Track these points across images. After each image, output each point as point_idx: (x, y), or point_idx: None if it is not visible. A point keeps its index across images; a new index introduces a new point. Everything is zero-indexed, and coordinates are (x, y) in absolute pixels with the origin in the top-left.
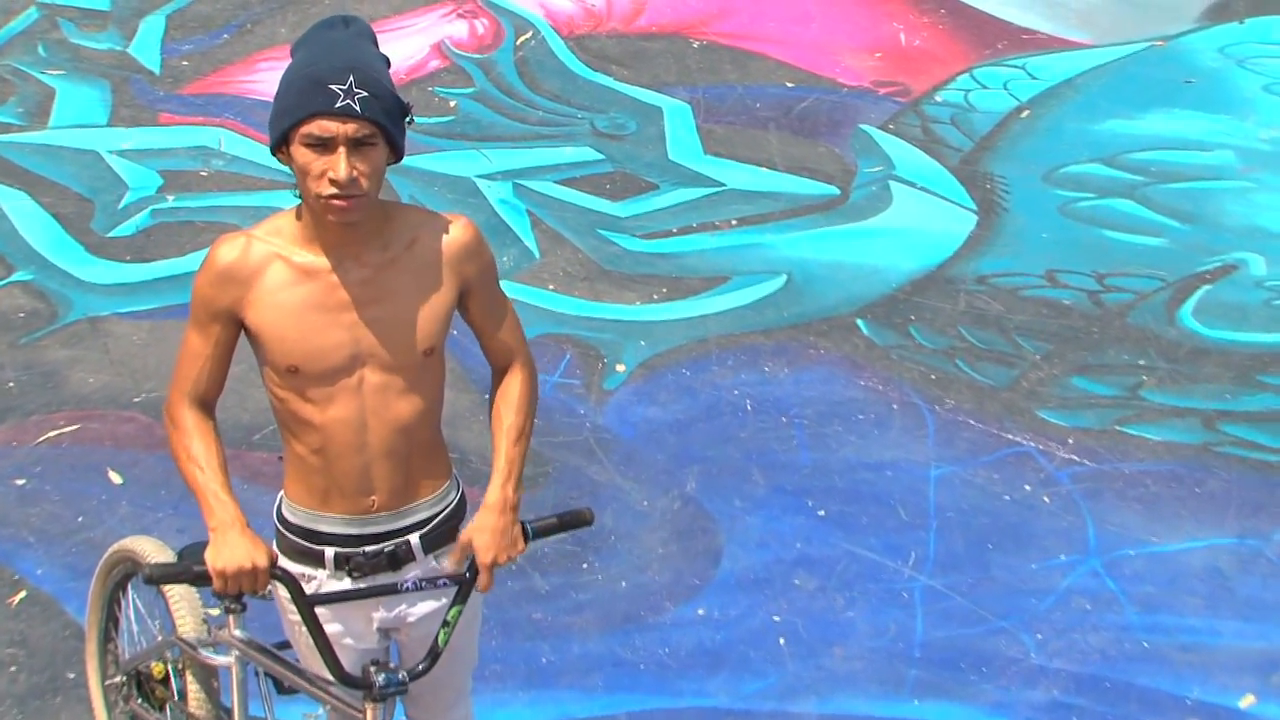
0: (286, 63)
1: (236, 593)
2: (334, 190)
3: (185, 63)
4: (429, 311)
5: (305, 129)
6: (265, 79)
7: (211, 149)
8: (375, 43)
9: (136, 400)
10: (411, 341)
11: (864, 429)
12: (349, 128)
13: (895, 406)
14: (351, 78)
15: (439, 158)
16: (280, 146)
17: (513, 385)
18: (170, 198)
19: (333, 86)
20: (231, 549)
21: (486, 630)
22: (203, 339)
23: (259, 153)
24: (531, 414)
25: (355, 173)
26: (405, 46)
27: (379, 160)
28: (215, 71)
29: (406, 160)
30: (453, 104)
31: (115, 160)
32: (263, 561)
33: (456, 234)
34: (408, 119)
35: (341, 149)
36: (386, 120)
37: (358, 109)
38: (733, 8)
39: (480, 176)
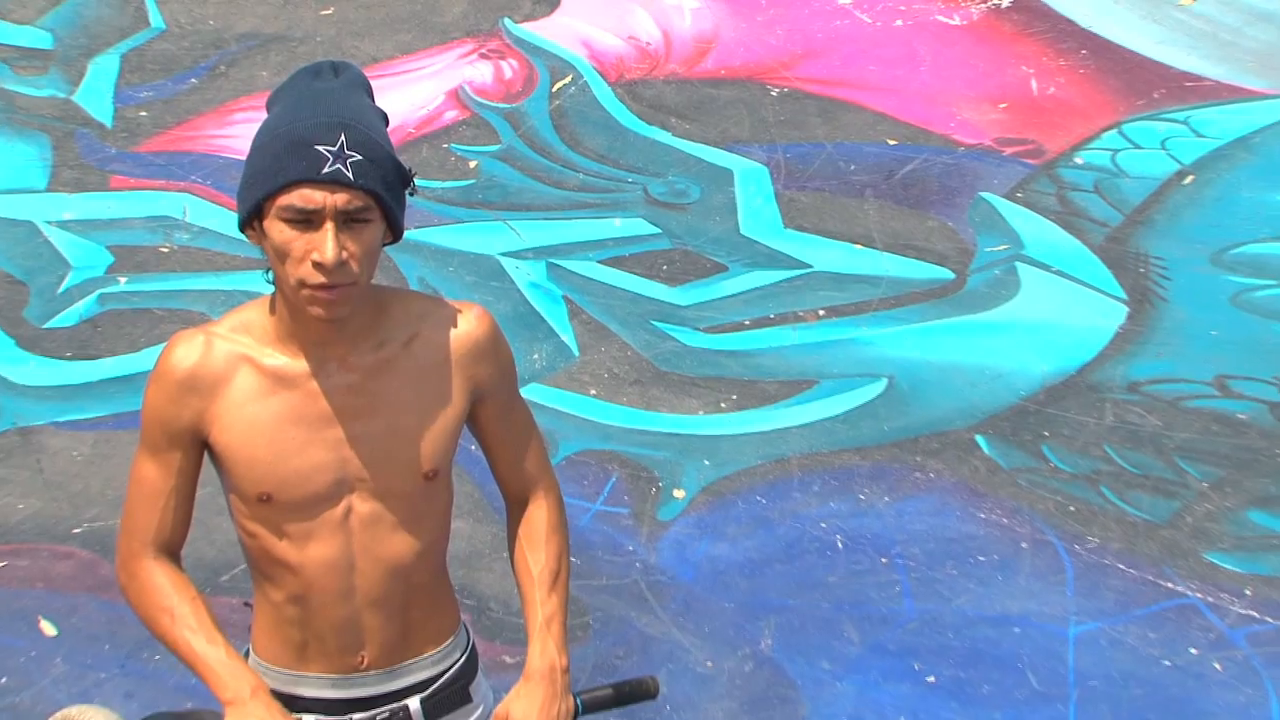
0: (264, 115)
1: None
2: (318, 277)
3: (143, 113)
4: (432, 424)
5: (283, 200)
6: (242, 133)
7: (174, 220)
8: (370, 94)
9: (76, 532)
10: (411, 462)
11: (985, 574)
12: (338, 198)
13: (1025, 545)
14: (343, 137)
15: (456, 231)
16: (251, 221)
17: (538, 520)
18: (122, 280)
19: (319, 148)
20: None
21: None
22: (161, 471)
23: (232, 224)
24: (566, 554)
25: (345, 254)
26: (414, 94)
27: (373, 239)
28: (180, 124)
29: (417, 234)
30: (473, 164)
31: (55, 233)
32: None
33: (467, 327)
34: (410, 189)
35: (329, 225)
36: (384, 190)
37: (349, 176)
38: (821, 47)
39: (506, 254)
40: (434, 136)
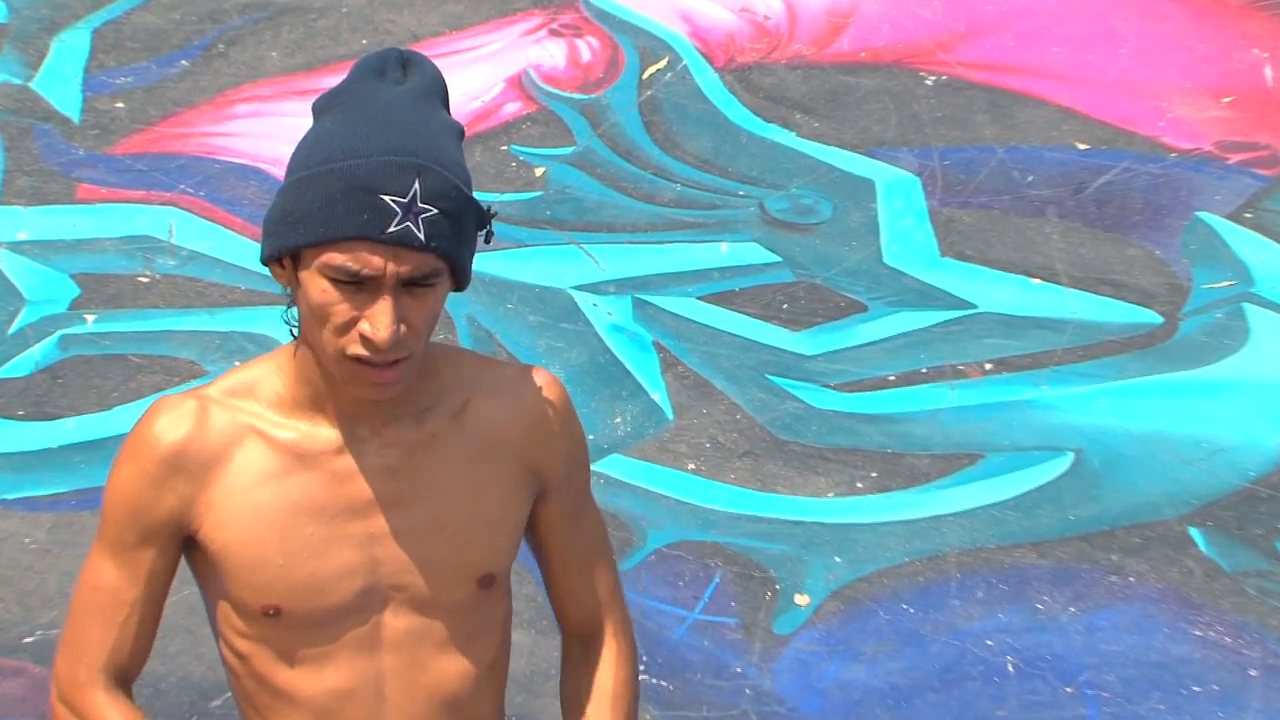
0: (276, 106)
1: None
2: (368, 352)
3: (120, 104)
4: (489, 516)
5: (333, 256)
6: (245, 130)
7: (157, 241)
8: (447, 103)
9: (27, 641)
10: (462, 564)
11: (1201, 708)
12: (404, 265)
13: (1254, 672)
14: (416, 184)
15: (516, 257)
16: (280, 257)
17: (602, 665)
18: (90, 318)
19: (386, 198)
20: None
21: None
22: (126, 575)
23: (231, 246)
24: (632, 715)
25: (404, 327)
26: (466, 81)
27: (438, 305)
28: (167, 118)
29: None
30: (539, 171)
31: (6, 257)
32: None
33: (529, 397)
34: (486, 236)
35: (387, 295)
36: (460, 249)
37: (421, 238)
38: (990, 23)
39: (581, 288)
40: (490, 136)
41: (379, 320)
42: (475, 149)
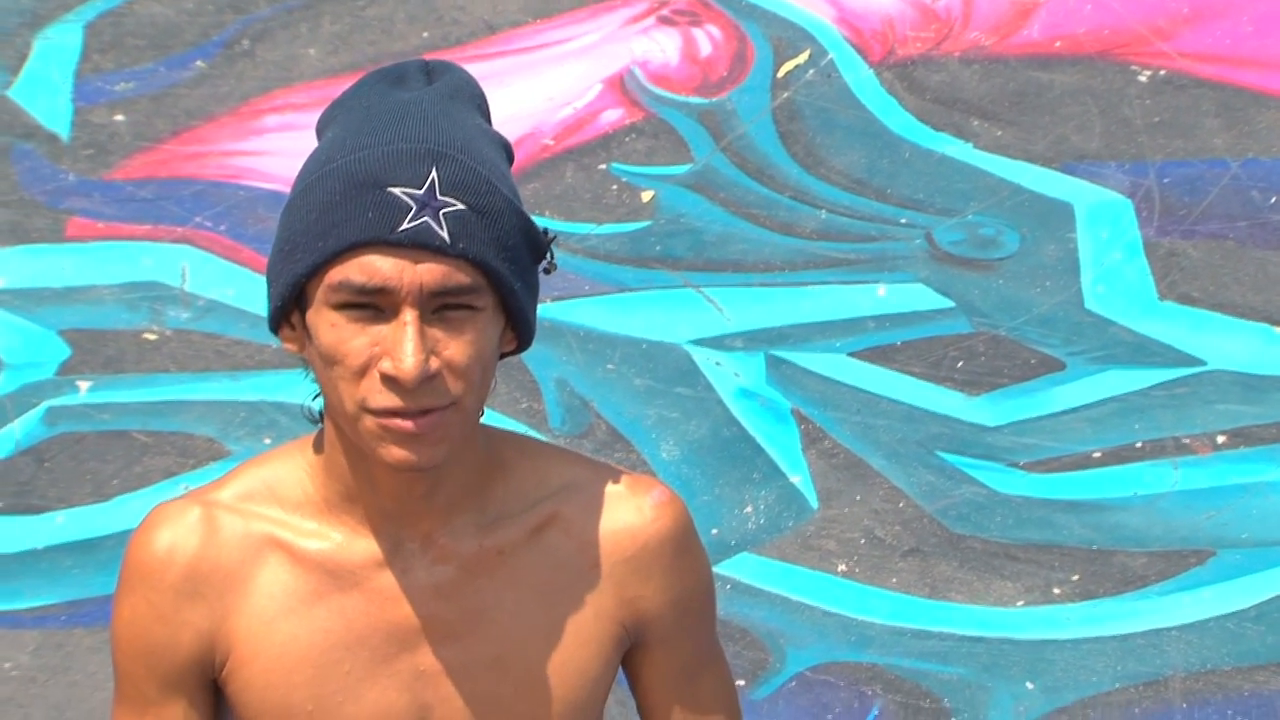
0: (315, 117)
1: None
2: (391, 398)
3: (120, 117)
4: (560, 667)
5: (336, 274)
6: (276, 148)
7: (167, 288)
8: (484, 110)
9: None
10: (532, 717)
11: None
12: (425, 271)
13: None
14: (434, 174)
15: (618, 304)
16: (289, 315)
17: None
18: (84, 385)
19: (396, 191)
20: None
21: None
22: None
23: (262, 295)
24: None
25: (435, 362)
26: (554, 83)
27: (483, 339)
28: (179, 134)
29: (554, 310)
30: (647, 196)
31: None
32: None
33: (634, 518)
34: (545, 264)
35: (408, 313)
36: (501, 261)
37: (444, 236)
38: (1222, 2)
39: (700, 343)
40: (585, 152)
41: (401, 347)
42: (566, 168)
